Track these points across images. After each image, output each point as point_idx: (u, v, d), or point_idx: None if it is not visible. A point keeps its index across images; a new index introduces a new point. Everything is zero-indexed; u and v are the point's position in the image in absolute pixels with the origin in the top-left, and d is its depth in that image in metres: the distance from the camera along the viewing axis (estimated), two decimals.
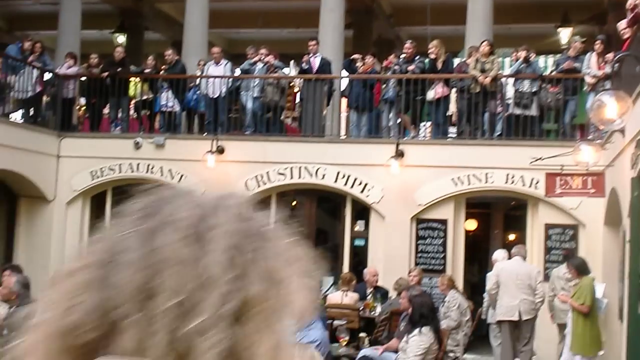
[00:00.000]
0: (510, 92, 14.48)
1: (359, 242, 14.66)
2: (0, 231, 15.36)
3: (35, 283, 8.47)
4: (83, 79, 16.34)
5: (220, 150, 14.59)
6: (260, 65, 15.37)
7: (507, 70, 15.43)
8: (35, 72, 15.37)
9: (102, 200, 15.76)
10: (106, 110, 16.28)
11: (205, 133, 15.36)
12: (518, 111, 14.01)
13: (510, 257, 11.60)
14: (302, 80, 15.59)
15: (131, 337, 0.79)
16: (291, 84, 16.21)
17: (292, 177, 14.53)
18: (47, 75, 15.91)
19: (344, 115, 16.29)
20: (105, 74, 15.68)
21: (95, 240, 0.86)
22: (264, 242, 0.84)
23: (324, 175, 14.34)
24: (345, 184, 14.24)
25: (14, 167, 14.30)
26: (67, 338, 0.81)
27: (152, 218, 0.84)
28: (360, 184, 14.17)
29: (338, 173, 14.25)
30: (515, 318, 11.03)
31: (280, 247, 0.85)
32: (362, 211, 14.62)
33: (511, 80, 14.52)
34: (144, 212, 0.85)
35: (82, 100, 16.71)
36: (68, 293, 0.82)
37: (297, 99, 16.21)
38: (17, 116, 15.55)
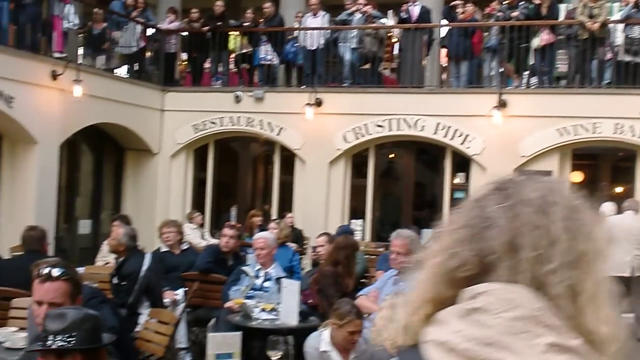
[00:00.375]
0: (619, 38, 13.80)
1: (459, 195, 14.41)
2: (108, 183, 15.93)
3: (141, 234, 8.66)
4: (184, 33, 16.59)
5: (319, 103, 14.59)
6: (358, 15, 15.18)
7: (617, 16, 14.70)
8: (139, 28, 15.68)
9: (204, 153, 16.11)
10: (207, 65, 16.52)
11: (304, 85, 15.36)
12: (628, 58, 13.38)
13: (619, 211, 11.20)
14: (400, 30, 15.31)
15: (502, 276, 1.16)
16: (389, 34, 15.94)
17: (390, 129, 14.40)
18: (150, 31, 16.22)
19: (443, 65, 15.96)
20: (206, 28, 15.87)
21: (464, 210, 1.26)
22: (581, 214, 1.21)
23: (423, 127, 14.15)
24: (445, 135, 14.01)
25: (120, 121, 14.73)
26: (452, 274, 1.20)
27: (510, 197, 1.22)
28: (460, 135, 13.91)
29: (438, 124, 14.02)
30: (627, 274, 10.66)
31: (589, 216, 1.22)
32: (462, 163, 14.36)
33: (620, 26, 13.81)
34: (504, 193, 1.23)
35: (184, 55, 16.99)
36: (451, 244, 1.21)
37: (396, 49, 15.94)
38: (122, 71, 15.95)
